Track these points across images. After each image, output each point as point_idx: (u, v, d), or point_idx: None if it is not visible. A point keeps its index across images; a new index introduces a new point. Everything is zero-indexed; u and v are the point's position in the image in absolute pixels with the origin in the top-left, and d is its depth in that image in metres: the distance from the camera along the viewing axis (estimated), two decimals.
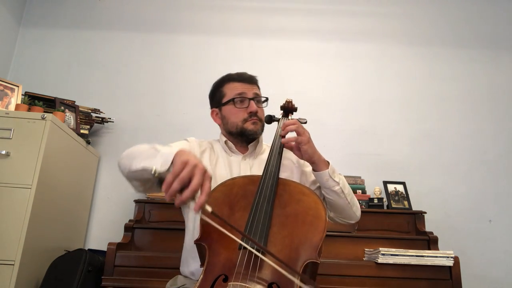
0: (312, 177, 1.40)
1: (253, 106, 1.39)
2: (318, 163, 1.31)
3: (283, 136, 1.35)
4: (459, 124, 2.73)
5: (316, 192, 1.37)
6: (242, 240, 0.98)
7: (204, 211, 0.92)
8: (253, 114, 1.40)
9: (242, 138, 1.43)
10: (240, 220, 1.10)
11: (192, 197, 0.90)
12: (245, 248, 0.98)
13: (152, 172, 0.98)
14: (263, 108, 1.47)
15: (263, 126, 1.45)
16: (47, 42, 2.87)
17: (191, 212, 1.36)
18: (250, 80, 1.44)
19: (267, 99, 1.48)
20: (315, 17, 2.97)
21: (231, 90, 1.42)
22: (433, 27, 2.94)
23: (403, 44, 2.90)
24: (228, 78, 1.46)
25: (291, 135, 1.34)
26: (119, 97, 2.77)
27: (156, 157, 1.05)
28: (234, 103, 1.40)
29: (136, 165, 1.10)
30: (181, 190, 0.91)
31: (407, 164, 2.64)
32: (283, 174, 1.33)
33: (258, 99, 1.44)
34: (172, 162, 0.99)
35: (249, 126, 1.40)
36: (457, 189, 2.59)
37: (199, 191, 0.92)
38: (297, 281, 0.94)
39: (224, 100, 1.43)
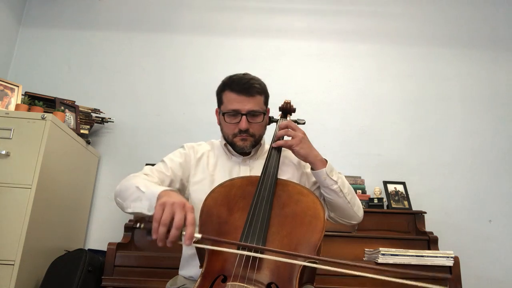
0: (313, 178, 1.39)
1: (243, 124, 1.32)
2: (314, 162, 1.31)
3: (280, 139, 1.36)
4: (459, 124, 2.73)
5: (315, 193, 1.37)
6: (238, 248, 0.99)
7: (195, 241, 0.95)
8: (243, 131, 1.34)
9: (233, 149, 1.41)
10: (239, 221, 1.10)
11: (180, 234, 0.94)
12: (243, 249, 0.99)
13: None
14: (260, 123, 1.37)
15: (256, 140, 1.38)
16: (47, 42, 2.88)
17: None
18: (247, 91, 1.33)
19: (264, 113, 1.38)
20: (315, 17, 2.97)
21: (227, 101, 1.35)
22: (433, 27, 2.93)
23: (403, 44, 2.90)
24: (228, 85, 1.36)
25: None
26: (119, 97, 2.77)
27: (142, 201, 1.10)
28: (226, 116, 1.36)
29: (127, 207, 1.16)
30: (169, 230, 0.94)
31: (407, 164, 2.64)
32: (284, 175, 1.34)
33: (253, 114, 1.34)
34: None
35: (237, 141, 1.36)
36: (457, 189, 2.59)
37: (185, 225, 0.94)
38: (303, 263, 0.95)
39: (221, 108, 1.40)
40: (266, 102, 1.42)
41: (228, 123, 1.36)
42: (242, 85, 1.33)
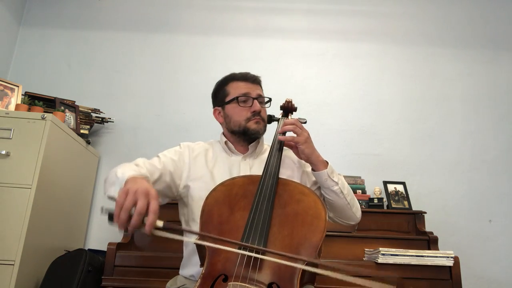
0: (313, 177, 1.40)
1: (257, 105, 1.40)
2: (316, 163, 1.32)
3: (282, 134, 1.36)
4: (459, 124, 2.73)
5: (316, 192, 1.38)
6: (240, 248, 0.98)
7: (157, 228, 0.95)
8: (256, 113, 1.40)
9: (245, 138, 1.43)
10: (240, 220, 1.10)
11: (141, 221, 0.94)
12: (244, 249, 0.98)
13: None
14: (266, 108, 1.47)
15: (265, 126, 1.45)
16: (47, 42, 2.87)
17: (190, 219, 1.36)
18: (253, 80, 1.45)
19: (270, 100, 1.48)
20: (315, 17, 2.97)
21: (235, 89, 1.43)
22: (434, 27, 2.94)
23: (404, 44, 2.90)
24: (232, 77, 1.46)
25: (291, 134, 1.35)
26: (119, 97, 2.77)
27: (115, 185, 1.11)
28: (238, 102, 1.40)
29: (105, 192, 1.18)
30: (131, 216, 0.94)
31: (407, 164, 2.64)
32: (284, 174, 1.34)
33: (261, 100, 1.44)
34: None
35: (252, 125, 1.40)
36: (457, 189, 2.59)
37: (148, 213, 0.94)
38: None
39: (228, 98, 1.43)
40: None
41: (242, 107, 1.40)
42: (246, 75, 1.45)
